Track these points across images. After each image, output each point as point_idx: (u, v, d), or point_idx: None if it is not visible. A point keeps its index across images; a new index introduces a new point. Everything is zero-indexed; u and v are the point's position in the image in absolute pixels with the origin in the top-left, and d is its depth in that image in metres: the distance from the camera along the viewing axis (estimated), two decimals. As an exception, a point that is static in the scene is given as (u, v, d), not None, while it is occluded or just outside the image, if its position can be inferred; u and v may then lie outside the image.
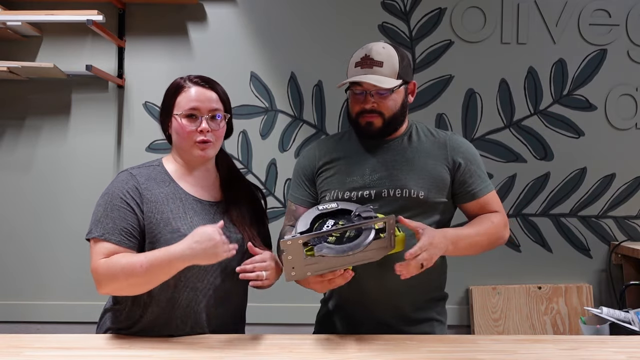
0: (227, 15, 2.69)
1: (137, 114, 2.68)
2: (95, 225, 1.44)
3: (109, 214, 1.44)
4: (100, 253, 1.41)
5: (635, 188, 2.72)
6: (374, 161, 1.60)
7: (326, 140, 1.73)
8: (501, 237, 1.61)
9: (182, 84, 1.52)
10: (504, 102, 2.70)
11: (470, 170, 1.60)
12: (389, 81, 1.54)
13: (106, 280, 1.39)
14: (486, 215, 1.61)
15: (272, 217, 2.67)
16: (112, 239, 1.41)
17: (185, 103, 1.48)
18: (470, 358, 1.32)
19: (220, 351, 1.35)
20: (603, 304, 2.56)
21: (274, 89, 2.69)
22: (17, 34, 2.59)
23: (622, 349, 1.41)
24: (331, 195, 1.59)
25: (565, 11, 2.69)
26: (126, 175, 1.50)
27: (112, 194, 1.46)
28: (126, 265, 1.37)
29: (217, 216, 1.52)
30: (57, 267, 2.66)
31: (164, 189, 1.49)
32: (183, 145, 1.50)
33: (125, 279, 1.37)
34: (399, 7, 2.68)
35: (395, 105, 1.57)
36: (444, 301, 1.69)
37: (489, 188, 1.63)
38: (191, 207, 1.49)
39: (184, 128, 1.48)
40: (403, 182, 1.55)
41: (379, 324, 1.57)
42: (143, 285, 1.40)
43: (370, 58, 1.56)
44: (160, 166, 1.54)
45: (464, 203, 1.63)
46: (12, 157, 2.68)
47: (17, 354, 1.32)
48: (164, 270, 1.37)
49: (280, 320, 2.62)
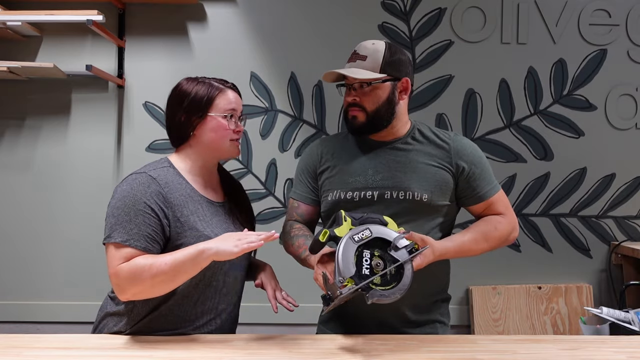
0: (227, 15, 2.69)
1: (137, 114, 2.68)
2: (117, 230, 1.40)
3: (133, 219, 1.40)
4: (121, 257, 1.38)
5: (635, 188, 2.72)
6: (376, 162, 1.59)
7: (329, 139, 1.73)
8: (507, 240, 1.60)
9: (216, 85, 1.54)
10: (504, 102, 2.70)
11: (475, 174, 1.58)
12: (366, 73, 1.52)
13: (129, 284, 1.37)
14: (490, 220, 1.59)
15: (272, 217, 2.67)
16: (137, 245, 1.39)
17: (226, 104, 1.52)
18: (470, 358, 1.32)
19: (220, 351, 1.35)
20: (603, 304, 2.56)
21: (274, 89, 2.69)
22: (17, 34, 2.59)
23: (622, 349, 1.40)
24: (333, 195, 1.59)
25: (565, 11, 2.69)
26: (146, 178, 1.46)
27: (135, 198, 1.42)
28: (151, 264, 1.36)
29: (226, 216, 1.55)
30: (58, 266, 2.66)
31: (181, 192, 1.49)
32: (219, 143, 1.52)
33: (150, 279, 1.36)
34: (399, 7, 2.68)
35: (377, 99, 1.54)
36: (447, 303, 1.68)
37: (495, 189, 1.61)
38: (208, 209, 1.51)
39: (225, 127, 1.52)
40: (406, 184, 1.54)
41: (381, 326, 1.57)
42: (168, 282, 1.38)
43: (356, 52, 1.58)
44: (171, 167, 1.53)
45: (469, 205, 1.62)
46: (12, 157, 2.68)
47: (17, 354, 1.32)
48: (190, 264, 1.37)
49: (280, 320, 2.61)
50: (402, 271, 1.36)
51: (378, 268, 1.34)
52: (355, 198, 1.56)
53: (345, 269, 1.32)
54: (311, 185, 1.67)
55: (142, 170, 1.49)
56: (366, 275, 1.33)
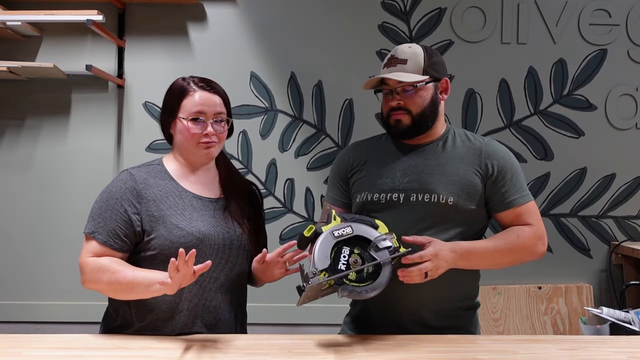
0: (227, 15, 2.69)
1: (137, 114, 2.68)
2: (89, 222, 1.50)
3: (103, 213, 1.48)
4: (88, 250, 1.48)
5: (635, 188, 2.72)
6: (405, 164, 1.58)
7: (361, 143, 1.73)
8: (531, 252, 1.53)
9: (186, 87, 1.53)
10: (504, 102, 2.70)
11: (505, 177, 1.54)
12: (411, 76, 1.53)
13: (90, 279, 1.47)
14: (513, 228, 1.54)
15: (272, 217, 2.67)
16: (99, 238, 1.46)
17: (191, 107, 1.51)
18: (470, 358, 1.32)
19: (220, 351, 1.35)
20: (603, 304, 2.55)
21: (274, 89, 2.69)
22: (17, 34, 2.59)
23: (622, 349, 1.40)
24: (361, 196, 1.59)
25: (565, 11, 2.69)
26: (126, 175, 1.53)
27: (109, 193, 1.50)
28: (113, 271, 1.42)
29: (217, 212, 1.54)
30: (58, 266, 2.66)
31: (162, 187, 1.51)
32: (187, 146, 1.53)
33: (107, 283, 1.44)
34: (399, 7, 2.68)
35: (422, 102, 1.55)
36: (472, 310, 1.63)
37: (525, 198, 1.56)
38: (190, 204, 1.51)
39: (190, 130, 1.50)
40: (432, 186, 1.52)
41: (401, 329, 1.54)
42: (122, 293, 1.45)
43: (394, 57, 1.58)
44: (160, 165, 1.57)
45: (497, 212, 1.56)
46: (12, 157, 2.68)
47: (17, 354, 1.32)
48: (142, 289, 1.41)
49: (280, 320, 2.62)
50: (379, 271, 1.37)
51: (355, 265, 1.36)
52: (382, 200, 1.55)
53: (319, 261, 1.34)
54: (343, 188, 1.68)
55: (127, 169, 1.56)
56: (341, 270, 1.35)
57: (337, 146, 2.68)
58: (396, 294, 1.49)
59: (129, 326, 1.51)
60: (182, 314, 1.48)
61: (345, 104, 2.68)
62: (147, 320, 1.49)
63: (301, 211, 2.70)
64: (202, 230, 1.48)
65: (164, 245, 1.46)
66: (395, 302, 1.53)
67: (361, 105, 2.67)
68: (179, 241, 1.45)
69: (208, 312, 1.51)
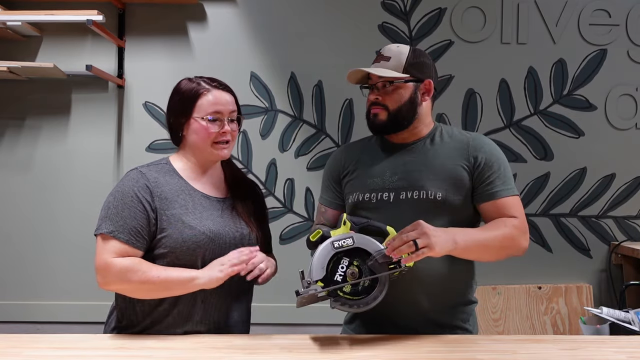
0: (227, 15, 2.69)
1: (137, 114, 2.68)
2: (105, 222, 1.46)
3: (120, 212, 1.46)
4: (109, 251, 1.44)
5: (635, 188, 2.72)
6: (394, 163, 1.60)
7: (353, 144, 1.75)
8: (517, 245, 1.51)
9: (198, 87, 1.53)
10: (504, 102, 2.70)
11: (492, 169, 1.54)
12: (389, 72, 1.55)
13: (118, 279, 1.43)
14: (502, 219, 1.52)
15: (272, 217, 2.67)
16: (121, 237, 1.44)
17: (208, 106, 1.51)
18: (470, 358, 1.32)
19: (220, 351, 1.35)
20: (603, 304, 2.55)
21: (274, 89, 2.69)
22: (17, 34, 2.59)
23: (622, 349, 1.40)
24: (353, 197, 1.60)
25: (565, 11, 2.69)
26: (136, 173, 1.52)
27: (123, 192, 1.48)
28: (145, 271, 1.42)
29: (225, 211, 1.55)
30: (58, 266, 2.66)
31: (173, 186, 1.52)
32: (202, 146, 1.53)
33: (138, 283, 1.43)
34: (399, 7, 2.68)
35: (400, 99, 1.56)
36: (472, 305, 1.63)
37: (511, 192, 1.54)
38: (199, 203, 1.52)
39: (208, 130, 1.51)
40: (421, 183, 1.54)
41: (403, 328, 1.53)
42: (153, 292, 1.46)
43: (381, 54, 1.61)
44: (168, 164, 1.57)
45: (481, 203, 1.55)
46: (11, 157, 2.68)
47: (17, 354, 1.32)
48: (179, 286, 1.45)
49: (281, 320, 2.62)
50: (375, 285, 1.38)
51: (352, 277, 1.37)
52: (373, 199, 1.57)
53: (314, 271, 1.35)
54: (336, 190, 1.69)
55: (136, 167, 1.55)
56: (337, 281, 1.36)
57: (337, 146, 2.68)
58: (396, 294, 1.49)
59: (135, 325, 1.51)
60: (196, 316, 1.49)
61: (345, 104, 2.68)
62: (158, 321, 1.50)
63: (301, 211, 2.70)
64: (212, 229, 1.49)
65: (175, 243, 1.46)
66: (394, 302, 1.53)
67: (361, 105, 2.65)
68: (190, 240, 1.46)
69: (219, 312, 1.52)
